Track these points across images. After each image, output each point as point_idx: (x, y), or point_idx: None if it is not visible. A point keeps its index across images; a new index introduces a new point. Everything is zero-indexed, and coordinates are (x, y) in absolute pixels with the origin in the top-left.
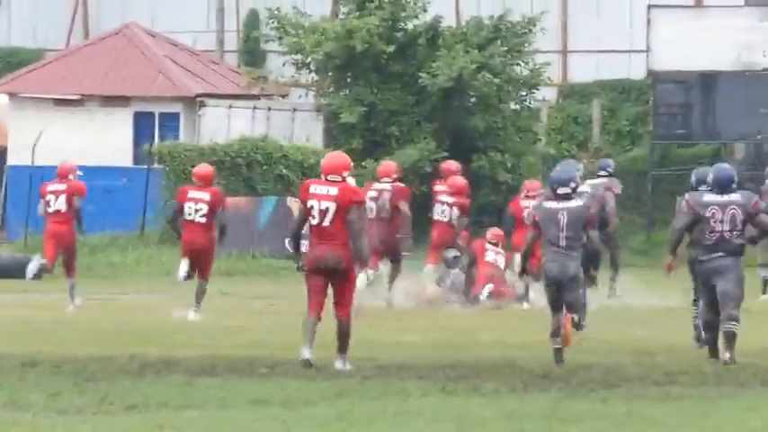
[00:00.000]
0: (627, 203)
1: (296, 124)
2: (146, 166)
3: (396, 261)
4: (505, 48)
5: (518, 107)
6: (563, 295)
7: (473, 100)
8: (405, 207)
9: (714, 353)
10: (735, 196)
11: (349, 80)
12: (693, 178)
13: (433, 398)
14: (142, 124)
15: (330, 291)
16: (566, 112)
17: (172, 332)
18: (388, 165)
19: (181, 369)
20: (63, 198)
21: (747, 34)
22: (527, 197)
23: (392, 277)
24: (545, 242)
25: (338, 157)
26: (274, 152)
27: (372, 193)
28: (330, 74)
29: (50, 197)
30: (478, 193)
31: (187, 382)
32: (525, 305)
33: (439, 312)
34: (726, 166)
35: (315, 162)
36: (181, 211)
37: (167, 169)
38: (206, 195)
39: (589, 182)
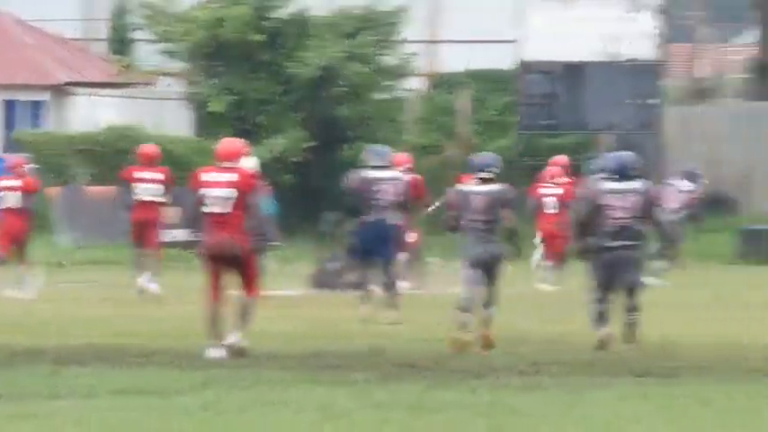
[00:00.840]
0: None
1: (165, 113)
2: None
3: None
4: (375, 37)
5: (387, 97)
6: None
7: (342, 89)
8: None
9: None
10: (634, 183)
11: (218, 69)
12: (594, 166)
13: (301, 388)
14: (10, 112)
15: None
16: (434, 101)
17: (41, 322)
18: (401, 155)
19: (49, 358)
20: (19, 194)
21: (614, 25)
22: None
23: None
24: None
25: (233, 143)
26: (142, 141)
27: None
28: (199, 63)
29: (4, 193)
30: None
31: (56, 372)
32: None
33: (310, 301)
34: (626, 153)
35: (184, 151)
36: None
37: (33, 157)
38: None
39: None
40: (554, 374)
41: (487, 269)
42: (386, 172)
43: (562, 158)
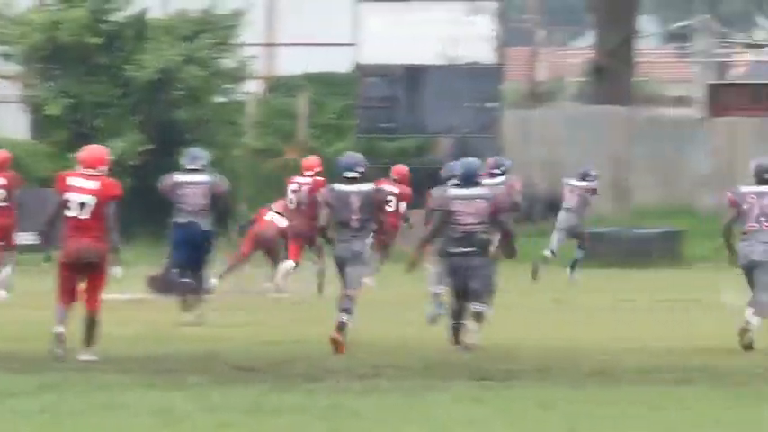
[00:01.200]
0: None
1: (1, 116)
2: None
3: (318, 252)
4: (212, 40)
5: (225, 100)
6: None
7: (180, 93)
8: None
9: (457, 340)
10: (481, 190)
11: (55, 72)
12: (443, 172)
13: (138, 391)
14: None
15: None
16: (272, 105)
17: None
18: (311, 159)
19: None
20: (3, 191)
21: (452, 28)
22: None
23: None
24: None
25: (97, 150)
26: None
27: (294, 186)
28: (36, 66)
29: None
30: None
31: None
32: None
33: (149, 305)
34: (473, 160)
35: (19, 154)
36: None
37: None
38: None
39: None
40: (392, 377)
41: (346, 267)
42: (196, 176)
43: (402, 168)
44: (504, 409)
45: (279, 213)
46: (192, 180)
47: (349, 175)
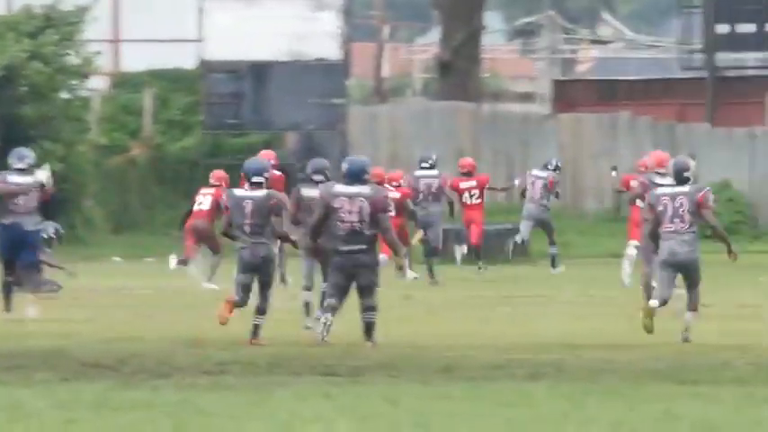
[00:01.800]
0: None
1: None
2: None
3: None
4: (57, 37)
5: (70, 96)
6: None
7: (24, 89)
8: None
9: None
10: (363, 188)
11: None
12: (309, 168)
13: None
14: None
15: None
16: (117, 101)
17: None
18: (267, 153)
19: None
20: None
21: (298, 24)
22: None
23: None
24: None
25: None
26: None
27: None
28: None
29: None
30: None
31: None
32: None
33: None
34: (361, 158)
35: None
36: None
37: None
38: None
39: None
40: (239, 374)
41: (260, 273)
42: (25, 176)
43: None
44: (352, 405)
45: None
46: (21, 181)
47: (254, 180)
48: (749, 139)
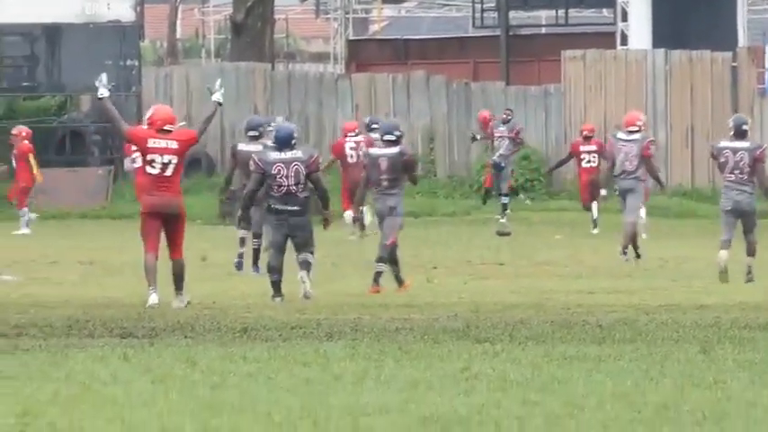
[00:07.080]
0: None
1: None
2: None
3: None
4: None
5: None
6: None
7: None
8: None
9: (278, 292)
10: (297, 153)
11: None
12: (245, 126)
13: None
14: None
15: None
16: None
17: None
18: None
19: None
20: None
21: None
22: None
23: None
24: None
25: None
26: None
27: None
28: None
29: None
30: None
31: None
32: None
33: None
34: (288, 124)
35: None
36: None
37: None
38: None
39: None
40: (35, 337)
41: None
42: None
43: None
44: (149, 366)
45: None
46: None
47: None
48: (544, 96)
